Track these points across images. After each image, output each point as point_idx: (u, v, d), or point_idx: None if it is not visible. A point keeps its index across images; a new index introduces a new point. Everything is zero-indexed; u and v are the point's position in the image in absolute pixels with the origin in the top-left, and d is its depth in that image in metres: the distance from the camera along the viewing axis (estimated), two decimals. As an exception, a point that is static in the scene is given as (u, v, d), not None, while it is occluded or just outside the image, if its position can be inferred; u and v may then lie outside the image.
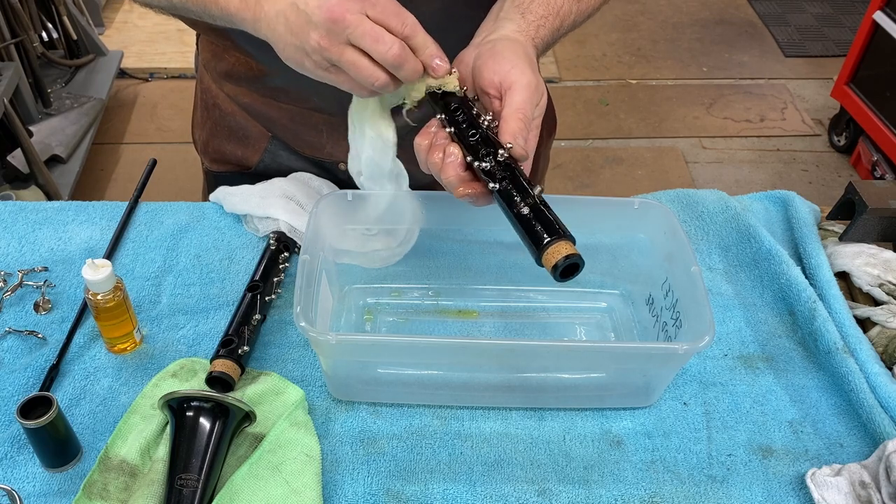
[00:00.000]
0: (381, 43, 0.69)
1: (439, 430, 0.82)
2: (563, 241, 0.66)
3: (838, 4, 3.66)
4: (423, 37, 0.72)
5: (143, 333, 0.89)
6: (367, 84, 0.72)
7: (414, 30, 0.71)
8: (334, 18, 0.68)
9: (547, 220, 0.67)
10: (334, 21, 0.68)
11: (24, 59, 2.50)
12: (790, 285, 0.95)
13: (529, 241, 0.67)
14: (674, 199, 1.08)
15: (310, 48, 0.70)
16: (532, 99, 0.72)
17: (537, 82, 0.74)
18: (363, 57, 0.70)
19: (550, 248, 0.65)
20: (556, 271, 0.65)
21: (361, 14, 0.68)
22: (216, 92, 1.06)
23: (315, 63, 0.72)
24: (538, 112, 0.74)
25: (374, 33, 0.69)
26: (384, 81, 0.71)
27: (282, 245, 0.96)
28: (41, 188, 2.28)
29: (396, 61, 0.70)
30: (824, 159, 2.86)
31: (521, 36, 0.78)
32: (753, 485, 0.78)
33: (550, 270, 0.66)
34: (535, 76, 0.73)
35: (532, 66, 0.74)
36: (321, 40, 0.69)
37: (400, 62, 0.70)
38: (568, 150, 2.86)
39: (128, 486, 0.74)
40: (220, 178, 1.10)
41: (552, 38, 0.82)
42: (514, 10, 0.80)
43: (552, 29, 0.81)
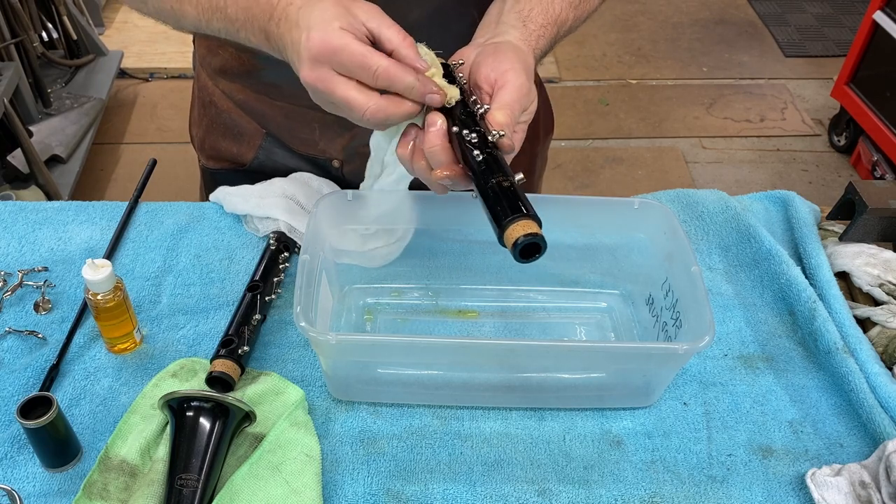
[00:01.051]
0: (354, 111, 0.69)
1: (439, 430, 0.82)
2: (525, 219, 0.63)
3: (838, 4, 3.66)
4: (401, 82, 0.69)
5: (143, 333, 0.89)
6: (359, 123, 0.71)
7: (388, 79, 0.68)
8: (310, 88, 0.70)
9: (514, 200, 0.65)
10: (311, 90, 0.70)
11: (24, 59, 2.50)
12: (790, 285, 0.95)
13: (492, 217, 0.65)
14: (674, 199, 1.08)
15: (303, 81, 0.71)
16: (521, 100, 0.72)
17: (529, 88, 0.73)
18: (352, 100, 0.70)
19: (512, 226, 0.63)
20: (515, 249, 0.63)
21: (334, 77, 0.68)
22: (212, 89, 1.06)
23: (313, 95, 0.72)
24: (526, 116, 0.74)
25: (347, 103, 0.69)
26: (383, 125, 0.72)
27: (282, 245, 0.96)
28: (41, 188, 2.28)
29: (377, 120, 0.70)
30: (824, 159, 2.86)
31: (523, 45, 0.78)
32: (753, 485, 0.78)
33: (510, 248, 0.64)
34: (528, 82, 0.73)
35: (528, 73, 0.74)
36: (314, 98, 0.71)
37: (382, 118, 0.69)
38: (568, 150, 2.86)
39: (128, 486, 0.74)
40: (216, 175, 1.10)
41: (549, 47, 0.83)
42: (516, 18, 0.79)
43: (550, 38, 0.82)
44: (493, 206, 0.65)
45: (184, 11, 0.79)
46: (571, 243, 0.95)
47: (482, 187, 0.67)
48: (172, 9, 0.80)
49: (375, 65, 0.67)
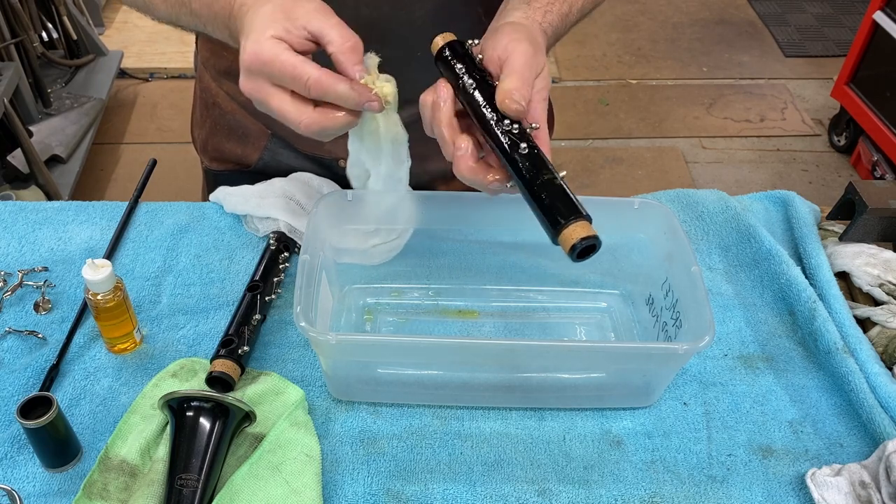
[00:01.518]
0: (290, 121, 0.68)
1: (439, 430, 0.82)
2: (582, 220, 0.64)
3: (838, 4, 3.66)
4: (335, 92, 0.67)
5: (143, 333, 0.89)
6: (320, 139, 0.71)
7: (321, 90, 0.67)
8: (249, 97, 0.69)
9: (568, 200, 0.66)
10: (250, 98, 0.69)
11: (24, 59, 2.50)
12: (790, 285, 0.95)
13: (546, 218, 0.66)
14: (674, 199, 1.08)
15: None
16: (529, 64, 0.71)
17: (534, 52, 0.72)
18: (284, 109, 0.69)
19: (569, 228, 0.64)
20: (573, 252, 0.64)
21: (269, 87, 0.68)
22: (216, 90, 1.06)
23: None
24: (541, 84, 0.73)
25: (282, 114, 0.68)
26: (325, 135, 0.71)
27: (282, 245, 0.96)
28: (41, 188, 2.28)
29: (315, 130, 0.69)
30: (824, 159, 2.86)
31: (526, 21, 0.78)
32: (753, 485, 0.78)
33: (568, 251, 0.64)
34: (532, 48, 0.72)
35: (532, 41, 0.73)
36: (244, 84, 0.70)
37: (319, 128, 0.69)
38: (568, 150, 2.86)
39: (128, 486, 0.74)
40: (220, 176, 1.10)
41: (562, 24, 0.82)
42: (520, 0, 0.80)
43: (561, 14, 0.81)
44: (546, 207, 0.66)
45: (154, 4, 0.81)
46: (571, 243, 0.95)
47: (530, 186, 0.67)
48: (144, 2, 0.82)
49: (306, 76, 0.66)
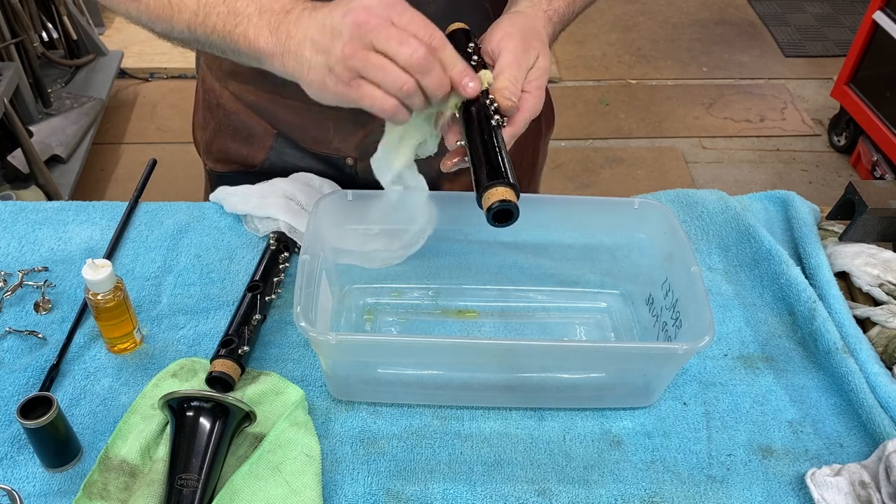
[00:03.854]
0: (406, 45, 0.67)
1: (439, 430, 0.82)
2: (505, 186, 0.67)
3: (838, 4, 3.66)
4: (452, 53, 0.70)
5: (143, 333, 0.89)
6: (393, 89, 0.68)
7: (442, 43, 0.69)
8: (359, 23, 0.67)
9: (498, 167, 0.69)
10: (359, 25, 0.67)
11: (24, 59, 2.50)
12: (790, 285, 0.95)
13: (475, 179, 0.69)
14: (674, 199, 1.08)
15: (334, 60, 0.68)
16: (519, 60, 0.74)
17: (525, 48, 0.75)
18: (389, 61, 0.68)
19: (491, 190, 0.67)
20: (489, 213, 0.68)
21: (388, 20, 0.67)
22: (220, 91, 1.05)
23: (338, 78, 0.69)
24: (535, 74, 0.76)
25: (399, 36, 0.67)
26: (411, 87, 0.68)
27: (282, 245, 0.96)
28: (41, 188, 2.28)
29: (423, 65, 0.67)
30: (824, 159, 2.86)
31: (530, 9, 0.80)
32: (753, 485, 0.78)
33: (485, 212, 0.68)
34: (522, 43, 0.75)
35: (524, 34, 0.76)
36: (345, 48, 0.67)
37: (425, 66, 0.68)
38: (568, 150, 2.86)
39: (128, 486, 0.74)
40: (225, 178, 1.09)
41: (568, 10, 0.85)
42: None
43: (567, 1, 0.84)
44: (477, 170, 0.69)
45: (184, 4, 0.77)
46: (571, 243, 0.95)
47: (472, 152, 0.71)
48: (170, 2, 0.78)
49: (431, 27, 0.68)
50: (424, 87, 0.69)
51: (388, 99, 0.69)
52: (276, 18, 0.72)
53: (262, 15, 0.73)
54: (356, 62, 0.68)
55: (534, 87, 0.76)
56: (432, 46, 0.68)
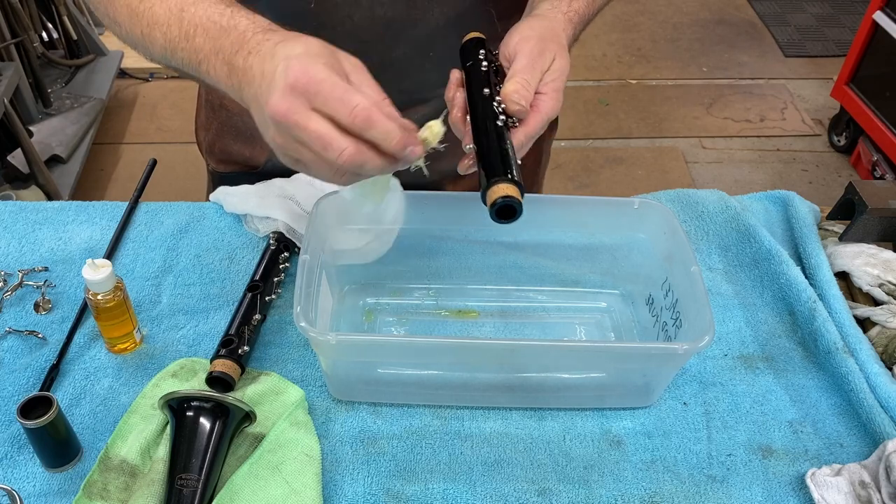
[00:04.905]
0: (328, 150, 0.62)
1: (439, 430, 0.82)
2: (509, 183, 0.68)
3: (838, 4, 3.66)
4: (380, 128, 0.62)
5: (143, 333, 0.89)
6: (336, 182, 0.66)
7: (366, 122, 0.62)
8: (277, 116, 0.62)
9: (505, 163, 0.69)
10: (278, 120, 0.62)
11: (24, 59, 2.50)
12: (790, 285, 0.95)
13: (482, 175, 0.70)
14: (674, 199, 1.08)
15: (273, 145, 0.66)
16: (533, 65, 0.74)
17: (540, 51, 0.75)
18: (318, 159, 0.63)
19: (495, 186, 0.68)
20: (492, 208, 0.68)
21: (306, 110, 0.62)
22: (223, 91, 1.05)
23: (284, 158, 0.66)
24: (551, 77, 0.75)
25: (320, 139, 0.61)
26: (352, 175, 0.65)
27: (282, 245, 0.96)
28: (41, 188, 2.28)
29: (353, 165, 0.63)
30: (824, 159, 2.86)
31: (550, 12, 0.80)
32: (753, 485, 0.78)
33: (489, 207, 0.68)
34: (538, 46, 0.75)
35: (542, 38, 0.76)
36: (276, 138, 0.64)
37: (357, 163, 0.63)
38: (568, 150, 2.86)
39: (128, 486, 0.74)
40: (227, 178, 1.09)
41: (589, 10, 0.85)
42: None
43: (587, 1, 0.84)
44: (483, 167, 0.70)
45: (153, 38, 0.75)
46: (571, 243, 0.95)
47: (479, 151, 0.71)
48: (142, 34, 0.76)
49: (356, 101, 0.62)
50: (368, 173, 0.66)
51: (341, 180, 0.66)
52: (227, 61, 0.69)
53: (217, 55, 0.69)
54: (291, 153, 0.65)
55: (551, 89, 0.75)
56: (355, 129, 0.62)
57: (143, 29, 0.75)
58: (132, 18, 0.75)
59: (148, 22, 0.74)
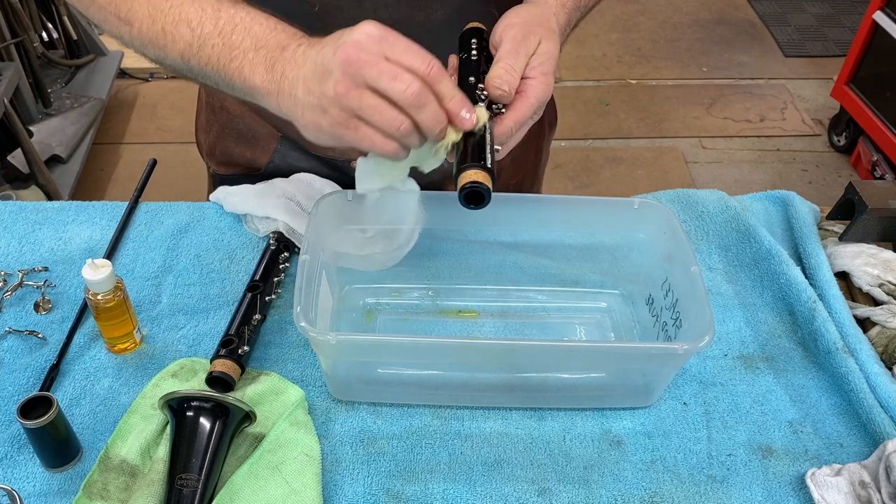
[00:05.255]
0: (398, 81, 0.64)
1: (439, 430, 0.82)
2: (481, 170, 0.69)
3: (838, 4, 3.66)
4: (448, 84, 0.67)
5: (143, 333, 0.89)
6: (390, 130, 0.66)
7: (439, 74, 0.66)
8: (349, 60, 0.63)
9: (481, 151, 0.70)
10: (349, 63, 0.63)
11: (24, 59, 2.50)
12: (790, 285, 0.95)
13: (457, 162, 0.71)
14: (674, 199, 1.08)
15: (328, 101, 0.65)
16: (517, 50, 0.74)
17: (523, 35, 0.75)
18: (384, 101, 0.65)
19: (467, 171, 0.69)
20: (461, 193, 0.69)
21: (380, 55, 0.64)
22: (223, 94, 1.05)
23: (333, 119, 0.66)
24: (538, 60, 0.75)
25: (392, 71, 0.64)
26: (408, 128, 0.66)
27: (282, 245, 0.96)
28: (41, 188, 2.28)
29: (417, 100, 0.65)
30: (824, 159, 2.86)
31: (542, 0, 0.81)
32: (753, 485, 0.78)
33: (458, 191, 0.69)
34: (521, 30, 0.75)
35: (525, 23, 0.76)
36: (338, 86, 0.64)
37: (421, 101, 0.65)
38: (568, 150, 2.86)
39: (128, 486, 0.74)
40: (228, 180, 1.09)
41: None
42: None
43: None
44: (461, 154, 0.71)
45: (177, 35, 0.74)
46: (571, 243, 0.95)
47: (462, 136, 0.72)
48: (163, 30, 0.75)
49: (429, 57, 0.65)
50: (420, 124, 0.66)
51: (388, 143, 0.67)
52: (271, 55, 0.69)
53: (258, 51, 0.69)
54: (350, 101, 0.65)
55: (538, 73, 0.75)
56: (429, 78, 0.65)
57: (165, 26, 0.74)
58: (154, 17, 0.75)
59: (174, 19, 0.73)
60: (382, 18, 0.86)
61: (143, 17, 0.75)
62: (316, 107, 0.66)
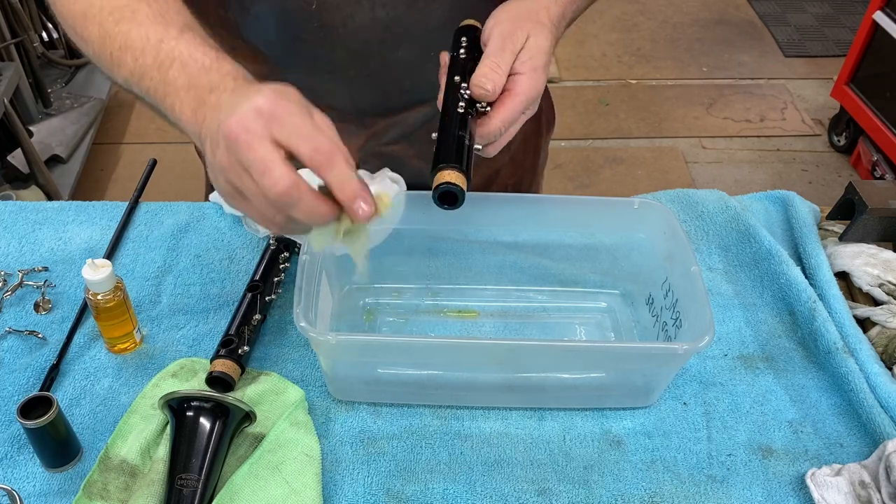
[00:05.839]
0: (266, 177, 0.58)
1: (439, 430, 0.82)
2: (456, 171, 0.69)
3: (838, 4, 3.66)
4: (338, 171, 0.59)
5: (143, 333, 0.89)
6: (265, 221, 0.62)
7: (327, 161, 0.59)
8: (229, 136, 0.59)
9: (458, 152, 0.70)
10: (229, 139, 0.59)
11: (24, 59, 2.50)
12: (790, 285, 0.95)
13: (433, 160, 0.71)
14: (674, 199, 1.08)
15: (217, 168, 0.62)
16: (503, 46, 0.73)
17: (511, 30, 0.74)
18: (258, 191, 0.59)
19: (442, 172, 0.69)
20: (435, 192, 0.69)
21: (263, 136, 0.58)
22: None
23: (221, 188, 0.63)
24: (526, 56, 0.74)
25: (261, 164, 0.58)
26: (282, 220, 0.61)
27: (282, 245, 0.96)
28: (41, 188, 2.28)
29: (285, 199, 0.58)
30: (824, 159, 2.86)
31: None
32: (753, 485, 0.78)
33: (433, 190, 0.69)
34: (509, 26, 0.75)
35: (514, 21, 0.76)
36: (222, 159, 0.60)
37: (290, 200, 0.58)
38: (568, 150, 2.86)
39: (128, 486, 0.74)
40: None
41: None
42: None
43: None
44: (437, 151, 0.70)
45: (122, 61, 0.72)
46: (571, 243, 0.95)
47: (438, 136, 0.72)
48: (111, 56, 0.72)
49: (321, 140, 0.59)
50: (295, 219, 0.61)
51: (270, 225, 0.63)
52: (200, 96, 0.66)
53: (188, 91, 0.66)
54: (232, 178, 0.61)
55: (527, 68, 0.74)
56: (314, 164, 0.59)
57: (113, 51, 0.73)
58: (103, 39, 0.73)
59: (120, 45, 0.71)
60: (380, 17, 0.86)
61: (95, 38, 0.74)
62: (212, 166, 0.63)
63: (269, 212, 0.61)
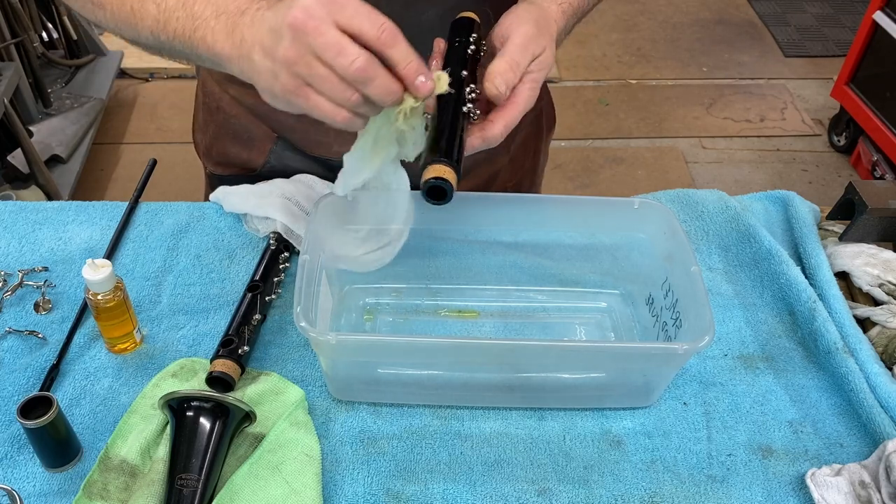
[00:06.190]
0: (342, 55, 0.61)
1: (439, 430, 0.82)
2: (447, 166, 0.68)
3: (838, 4, 3.66)
4: (402, 48, 0.63)
5: (143, 333, 0.89)
6: (339, 101, 0.64)
7: (392, 38, 0.62)
8: (296, 25, 0.61)
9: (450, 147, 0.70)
10: (296, 28, 0.61)
11: (24, 59, 2.50)
12: (790, 285, 0.95)
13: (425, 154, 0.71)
14: (674, 199, 1.08)
15: (279, 66, 0.63)
16: (526, 46, 0.72)
17: (535, 34, 0.74)
18: (332, 72, 0.62)
19: (433, 166, 0.68)
20: (424, 186, 0.69)
21: (328, 21, 0.61)
22: (220, 94, 1.05)
23: (283, 85, 0.64)
24: (537, 66, 0.74)
25: (336, 45, 0.61)
26: (356, 100, 0.63)
27: (282, 245, 0.96)
28: (41, 188, 2.28)
29: (362, 75, 0.62)
30: (824, 159, 2.86)
31: (545, 2, 0.80)
32: (753, 485, 0.78)
33: (422, 184, 0.69)
34: (533, 29, 0.74)
35: (536, 22, 0.75)
36: (287, 52, 0.62)
37: (367, 76, 0.62)
38: (568, 150, 2.86)
39: (128, 486, 0.74)
40: (225, 181, 1.09)
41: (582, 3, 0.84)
42: None
43: None
44: (430, 146, 0.70)
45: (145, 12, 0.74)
46: (571, 243, 0.95)
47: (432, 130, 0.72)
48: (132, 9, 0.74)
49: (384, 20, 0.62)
50: (369, 97, 0.64)
51: (339, 111, 0.65)
52: (231, 21, 0.68)
53: (218, 18, 0.69)
54: (300, 69, 0.63)
55: (530, 80, 0.73)
56: (379, 43, 0.62)
57: (133, 4, 0.74)
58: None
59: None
60: None
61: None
62: (269, 71, 0.65)
63: (344, 94, 0.63)
